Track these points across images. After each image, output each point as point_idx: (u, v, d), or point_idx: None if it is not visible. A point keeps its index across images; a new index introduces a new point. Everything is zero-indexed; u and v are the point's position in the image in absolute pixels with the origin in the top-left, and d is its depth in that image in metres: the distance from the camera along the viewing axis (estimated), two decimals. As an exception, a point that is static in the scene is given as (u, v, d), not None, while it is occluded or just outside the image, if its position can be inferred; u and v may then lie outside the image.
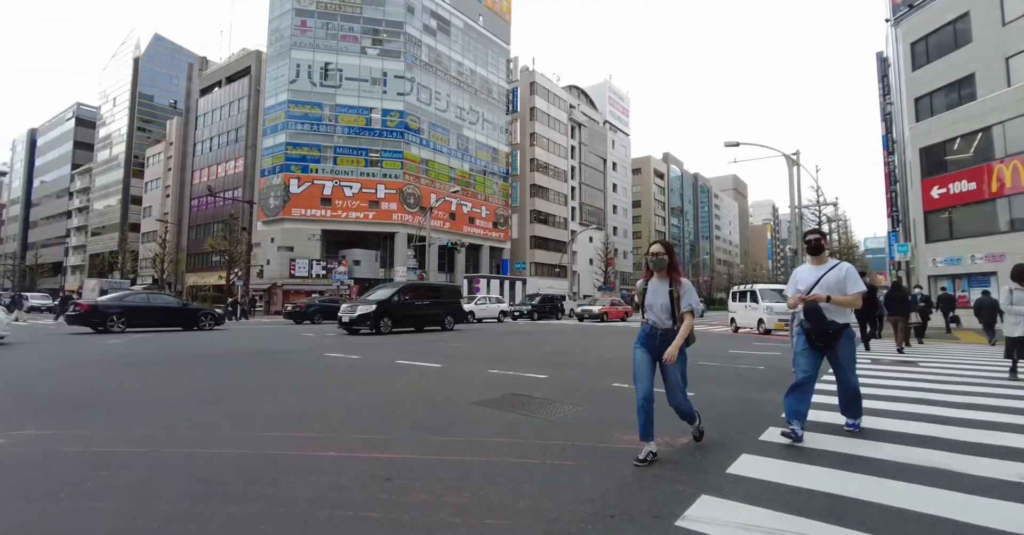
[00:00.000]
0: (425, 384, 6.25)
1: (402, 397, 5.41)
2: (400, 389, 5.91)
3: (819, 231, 4.16)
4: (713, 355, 9.58)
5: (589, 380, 6.50)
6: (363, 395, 5.49)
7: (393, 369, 7.46)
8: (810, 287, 3.91)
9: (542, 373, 6.91)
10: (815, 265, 4.03)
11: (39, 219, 79.85)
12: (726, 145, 24.44)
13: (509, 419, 4.34)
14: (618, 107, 77.90)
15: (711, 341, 13.72)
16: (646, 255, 3.61)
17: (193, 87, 54.80)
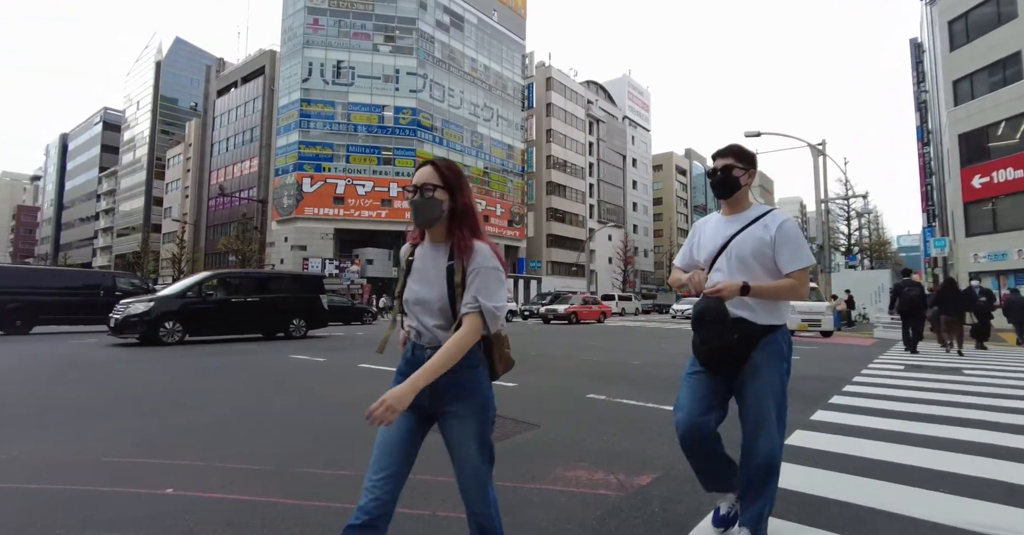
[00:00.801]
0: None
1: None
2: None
3: (734, 150, 2.11)
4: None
5: (564, 389, 5.56)
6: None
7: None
8: (712, 256, 2.09)
9: (512, 381, 5.98)
10: (728, 216, 2.15)
11: (70, 221, 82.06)
12: (746, 136, 23.15)
13: (430, 444, 3.43)
14: (638, 102, 76.23)
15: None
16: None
17: (211, 88, 55.34)
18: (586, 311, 23.94)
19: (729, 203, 2.14)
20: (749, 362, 1.98)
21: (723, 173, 2.08)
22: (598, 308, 24.96)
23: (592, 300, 25.90)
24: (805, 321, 14.88)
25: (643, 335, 15.39)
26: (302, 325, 12.79)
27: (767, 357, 1.98)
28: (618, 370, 7.00)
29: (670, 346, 11.18)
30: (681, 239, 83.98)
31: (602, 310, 24.93)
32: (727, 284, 1.91)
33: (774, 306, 2.01)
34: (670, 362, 7.99)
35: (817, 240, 24.25)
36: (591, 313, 24.17)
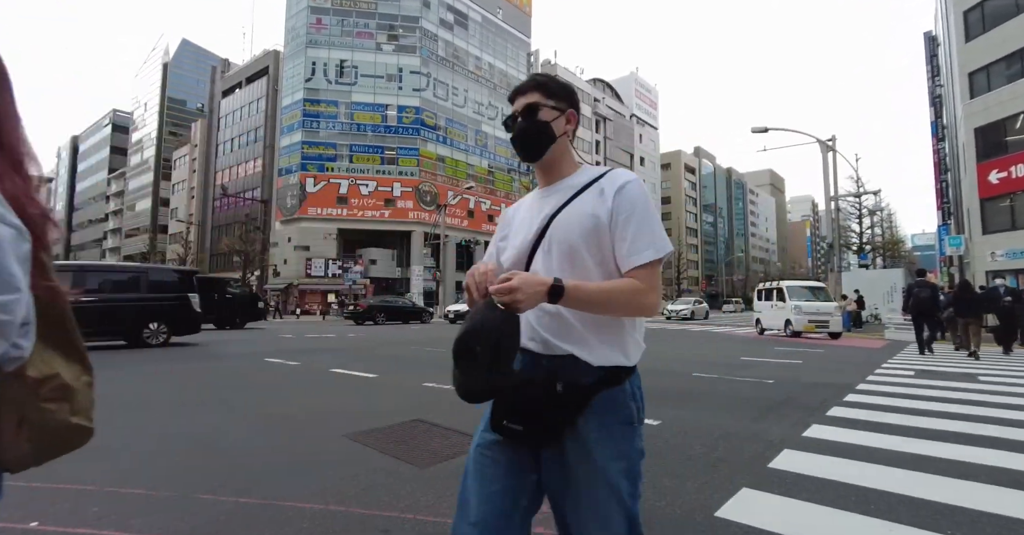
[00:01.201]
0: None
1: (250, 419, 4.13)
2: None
3: (539, 82, 1.28)
4: (718, 364, 8.01)
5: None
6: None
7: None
8: (527, 251, 1.21)
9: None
10: (544, 188, 1.33)
11: (81, 222, 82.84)
12: (753, 131, 22.52)
13: (372, 466, 3.00)
14: (645, 100, 75.47)
15: (727, 345, 12.03)
16: None
17: (216, 89, 55.48)
18: None
19: (543, 167, 1.32)
20: (574, 434, 1.09)
21: (525, 119, 1.25)
22: None
23: None
24: (812, 322, 14.29)
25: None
26: (161, 330, 10.69)
27: (604, 430, 1.10)
28: None
29: (668, 349, 10.67)
30: (691, 239, 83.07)
31: None
32: (522, 280, 1.00)
33: (616, 330, 1.14)
34: (665, 368, 7.51)
35: (827, 238, 23.58)
36: None
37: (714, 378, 6.39)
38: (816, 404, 4.76)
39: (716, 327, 21.40)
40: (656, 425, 3.94)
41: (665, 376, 6.51)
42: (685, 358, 8.72)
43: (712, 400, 4.96)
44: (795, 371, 7.18)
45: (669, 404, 4.73)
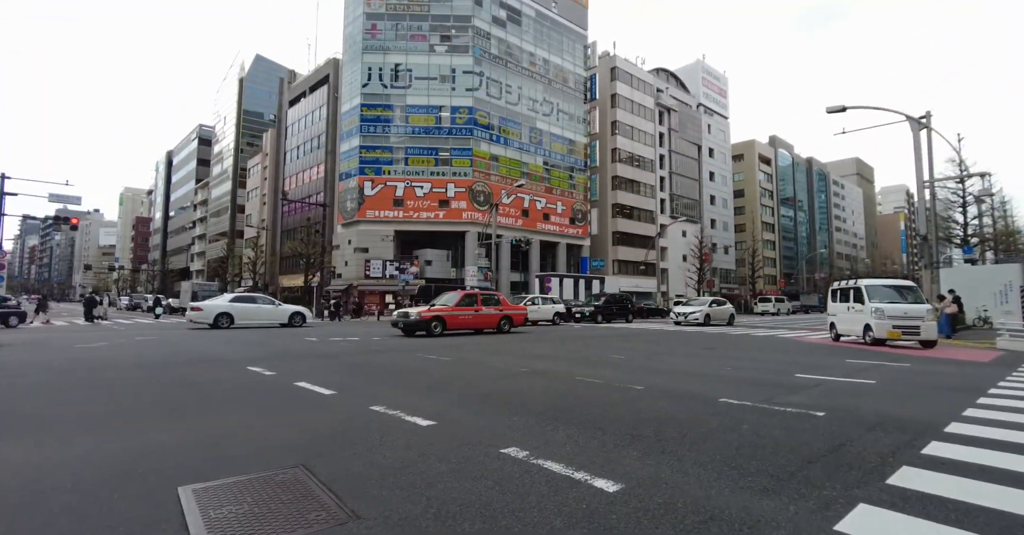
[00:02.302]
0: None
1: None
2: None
3: None
4: (762, 383, 6.49)
5: (479, 432, 3.99)
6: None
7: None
8: None
9: (432, 417, 4.50)
10: None
11: (175, 229, 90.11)
12: (829, 111, 20.01)
13: None
14: (714, 88, 71.28)
15: (787, 355, 10.24)
16: None
17: (284, 100, 58.05)
18: (466, 317, 15.85)
19: None
20: None
21: None
22: (496, 310, 16.63)
23: (487, 297, 17.07)
24: (898, 328, 12.05)
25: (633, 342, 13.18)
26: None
27: None
28: (579, 406, 5.31)
29: (706, 362, 9.11)
30: (768, 234, 77.61)
31: (506, 314, 16.84)
32: None
33: None
34: (686, 390, 6.12)
35: (921, 230, 20.48)
36: (477, 319, 16.11)
37: (745, 407, 4.96)
38: (875, 461, 3.32)
39: (787, 331, 19.07)
40: (612, 492, 2.73)
41: (681, 402, 5.16)
42: (722, 375, 7.22)
43: (721, 447, 3.62)
44: (862, 397, 5.56)
45: (655, 451, 3.47)
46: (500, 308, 16.83)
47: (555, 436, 3.90)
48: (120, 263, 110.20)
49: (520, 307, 18.69)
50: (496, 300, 17.08)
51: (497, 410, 4.80)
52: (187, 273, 77.67)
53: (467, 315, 15.85)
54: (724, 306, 25.47)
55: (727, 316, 24.89)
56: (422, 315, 14.88)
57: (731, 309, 25.67)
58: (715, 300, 26.10)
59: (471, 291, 18.04)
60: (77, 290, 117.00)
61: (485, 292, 18.17)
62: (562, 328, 20.96)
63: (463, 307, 15.87)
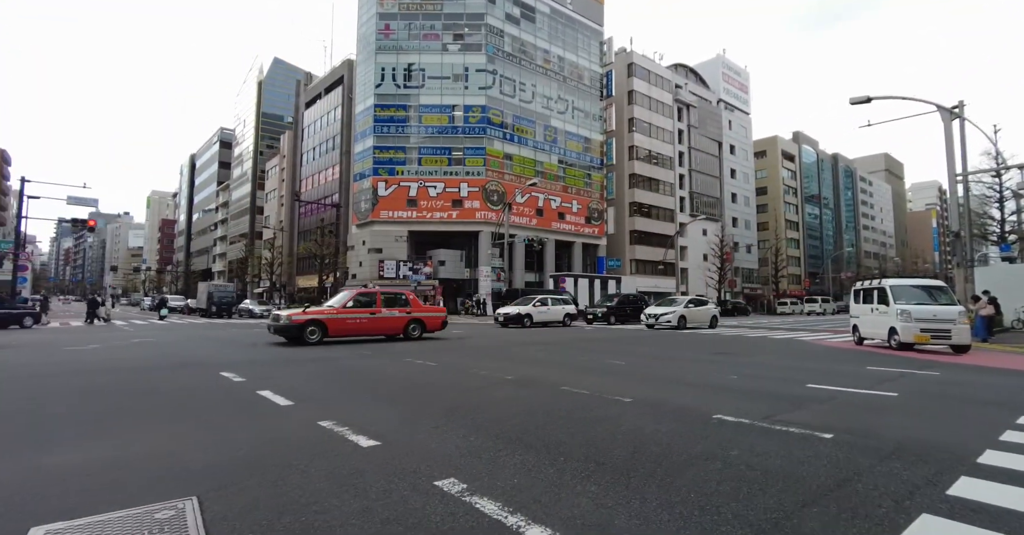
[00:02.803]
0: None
1: None
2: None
3: None
4: (765, 395, 5.83)
5: (421, 457, 3.47)
6: None
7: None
8: None
9: (380, 435, 4.00)
10: None
11: (198, 231, 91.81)
12: (852, 103, 19.01)
13: None
14: (734, 84, 69.62)
15: (802, 360, 9.49)
16: None
17: (300, 101, 58.47)
18: (357, 321, 13.11)
19: None
20: None
21: None
22: (402, 312, 13.91)
23: (391, 297, 14.24)
24: (926, 331, 11.15)
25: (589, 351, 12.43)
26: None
27: None
28: (563, 410, 4.73)
29: (713, 369, 8.43)
30: (792, 233, 75.55)
31: (415, 317, 14.16)
32: None
33: None
34: (680, 403, 5.51)
35: (953, 226, 19.31)
36: (373, 324, 13.39)
37: (741, 425, 4.34)
38: (888, 505, 2.69)
39: (808, 334, 18.11)
40: (543, 551, 2.17)
41: (669, 419, 4.56)
42: (725, 385, 6.56)
43: (699, 481, 3.03)
44: (880, 413, 4.88)
45: (618, 486, 2.90)
46: (408, 310, 14.11)
47: (507, 463, 3.35)
48: (148, 264, 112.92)
49: (437, 308, 16.04)
50: (404, 300, 14.31)
51: (456, 428, 4.27)
52: (209, 274, 78.95)
53: (359, 319, 13.14)
54: (704, 307, 22.74)
55: (708, 318, 22.29)
56: (293, 319, 12.26)
57: (714, 310, 23.14)
58: (694, 300, 23.23)
59: (369, 289, 15.65)
60: (107, 291, 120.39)
61: (390, 291, 15.44)
62: (571, 330, 20.31)
63: (356, 309, 13.18)
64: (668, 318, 20.63)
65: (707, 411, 4.86)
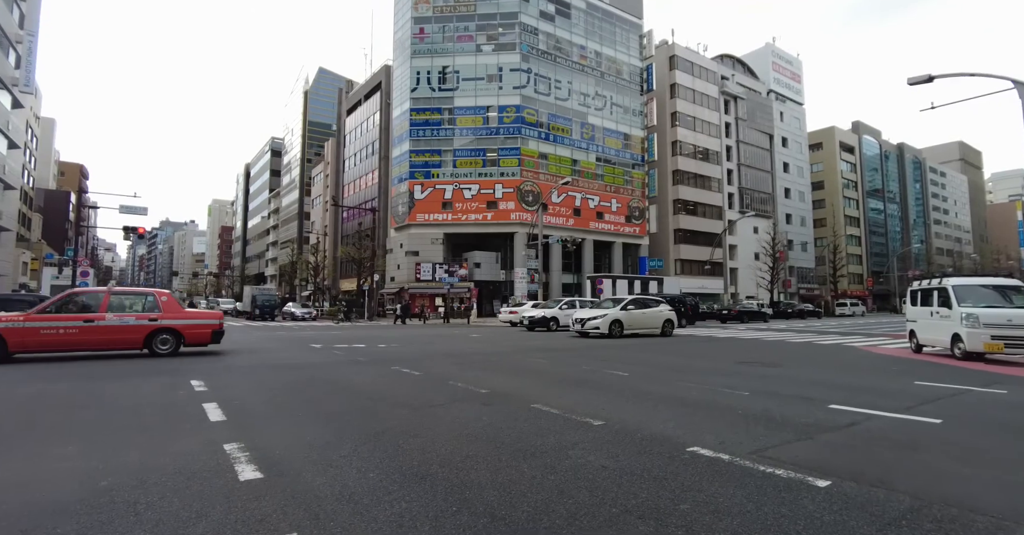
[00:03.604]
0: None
1: None
2: None
3: None
4: (776, 417, 4.85)
5: (285, 501, 2.81)
6: None
7: None
8: None
9: (273, 465, 3.39)
10: None
11: (252, 237, 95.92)
12: (911, 83, 17.18)
13: None
14: (785, 73, 66.02)
15: (837, 371, 8.26)
16: None
17: (342, 109, 59.78)
18: (62, 332, 9.68)
19: None
20: None
21: None
22: (144, 320, 10.33)
23: (127, 300, 10.58)
24: (998, 339, 9.58)
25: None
26: None
27: None
28: (514, 435, 3.94)
29: (739, 381, 7.37)
30: (852, 229, 70.90)
31: (164, 326, 10.45)
32: None
33: None
34: (649, 428, 4.65)
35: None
36: (85, 336, 9.83)
37: (716, 463, 3.45)
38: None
39: (862, 338, 16.37)
40: None
41: (632, 451, 3.72)
42: (727, 404, 5.58)
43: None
44: (907, 450, 3.84)
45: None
46: (155, 316, 10.41)
47: (381, 514, 2.64)
48: (209, 269, 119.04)
49: (204, 314, 11.66)
50: (149, 303, 10.60)
51: (367, 457, 3.60)
52: (262, 277, 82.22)
53: (64, 329, 9.69)
54: (652, 309, 17.96)
55: (659, 323, 17.69)
56: None
57: (667, 314, 18.01)
58: (638, 300, 18.52)
59: (91, 289, 11.89)
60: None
61: (130, 290, 11.26)
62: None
63: (63, 315, 9.81)
64: (596, 323, 16.53)
65: (684, 441, 3.98)
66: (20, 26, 39.05)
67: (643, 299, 19.19)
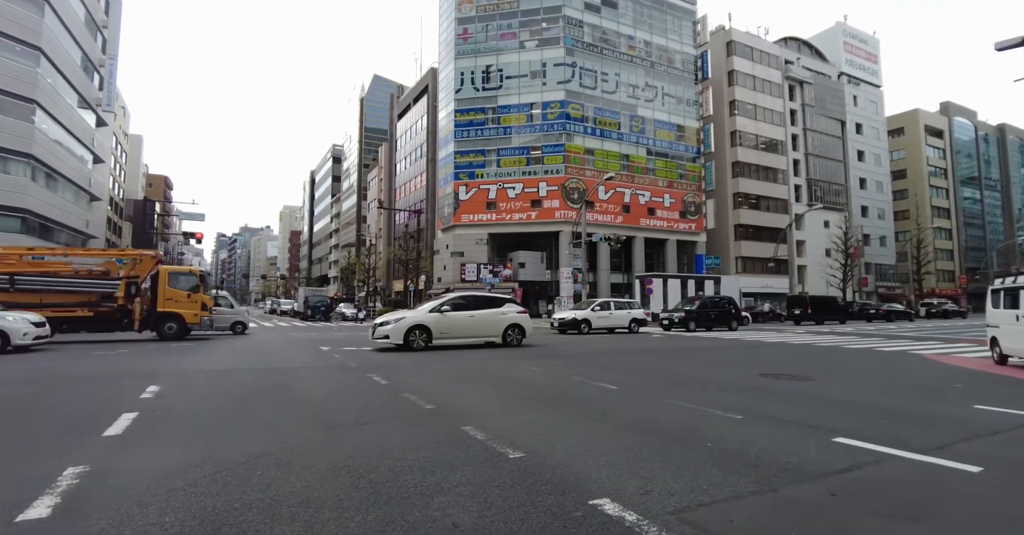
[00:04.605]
0: None
1: None
2: None
3: None
4: (753, 454, 3.79)
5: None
6: None
7: None
8: None
9: (57, 502, 2.81)
10: None
11: (318, 241, 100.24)
12: (998, 48, 14.96)
13: None
14: (859, 53, 60.70)
15: (884, 387, 6.84)
16: None
17: (393, 114, 60.92)
18: None
19: None
20: None
21: None
22: None
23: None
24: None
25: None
26: None
27: None
28: (387, 477, 3.16)
29: (682, 399, 6.22)
30: (942, 221, 64.17)
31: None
32: None
33: None
34: (568, 467, 3.76)
35: None
36: None
37: (619, 525, 2.53)
38: None
39: (939, 344, 14.18)
40: None
41: (518, 500, 2.85)
42: (701, 434, 4.51)
43: None
44: (907, 527, 2.73)
45: None
46: None
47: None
48: (281, 271, 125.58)
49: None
50: None
51: (194, 492, 2.94)
52: (325, 279, 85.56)
53: None
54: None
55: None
56: None
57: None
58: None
59: None
60: (252, 296, 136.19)
61: None
62: (627, 338, 18.05)
63: None
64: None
65: (596, 488, 3.06)
66: (103, 51, 42.47)
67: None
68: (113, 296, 14.63)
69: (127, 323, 14.93)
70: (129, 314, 14.89)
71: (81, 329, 14.86)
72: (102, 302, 14.71)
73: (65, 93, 34.80)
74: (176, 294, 15.54)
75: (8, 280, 13.79)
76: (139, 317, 15.05)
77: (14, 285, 13.82)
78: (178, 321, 15.51)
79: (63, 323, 14.05)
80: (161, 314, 15.39)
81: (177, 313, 15.51)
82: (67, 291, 14.35)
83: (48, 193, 32.54)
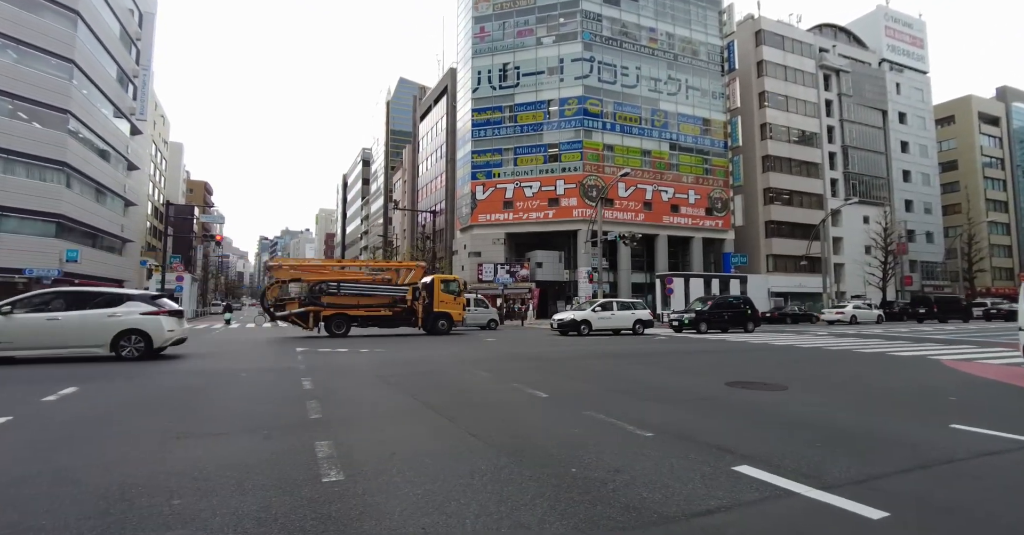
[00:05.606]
0: None
1: None
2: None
3: None
4: (616, 495, 3.13)
5: None
6: None
7: None
8: None
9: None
10: None
11: (349, 242, 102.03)
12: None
13: None
14: (903, 38, 57.24)
15: (857, 403, 5.95)
16: None
17: (416, 116, 61.18)
18: None
19: None
20: None
21: None
22: None
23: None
24: None
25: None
26: None
27: None
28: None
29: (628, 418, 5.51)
30: (998, 215, 59.88)
31: None
32: None
33: None
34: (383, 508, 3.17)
35: None
36: None
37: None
38: None
39: (972, 349, 12.79)
40: None
41: None
42: (566, 456, 3.86)
43: None
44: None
45: None
46: None
47: None
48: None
49: None
50: None
51: None
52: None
53: None
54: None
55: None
56: None
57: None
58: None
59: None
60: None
61: None
62: (627, 340, 17.17)
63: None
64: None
65: (380, 528, 2.49)
66: (136, 62, 44.13)
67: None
68: (404, 299, 18.32)
69: (414, 321, 18.65)
70: (415, 313, 18.49)
71: (383, 326, 18.66)
72: (396, 304, 18.31)
73: (99, 103, 36.25)
74: (446, 297, 19.36)
75: (336, 286, 17.70)
76: (421, 316, 18.72)
77: (340, 290, 17.69)
78: (448, 319, 19.31)
79: (370, 320, 18.07)
80: (437, 313, 19.06)
81: (448, 312, 19.30)
82: (373, 295, 18.05)
83: (82, 199, 33.90)
